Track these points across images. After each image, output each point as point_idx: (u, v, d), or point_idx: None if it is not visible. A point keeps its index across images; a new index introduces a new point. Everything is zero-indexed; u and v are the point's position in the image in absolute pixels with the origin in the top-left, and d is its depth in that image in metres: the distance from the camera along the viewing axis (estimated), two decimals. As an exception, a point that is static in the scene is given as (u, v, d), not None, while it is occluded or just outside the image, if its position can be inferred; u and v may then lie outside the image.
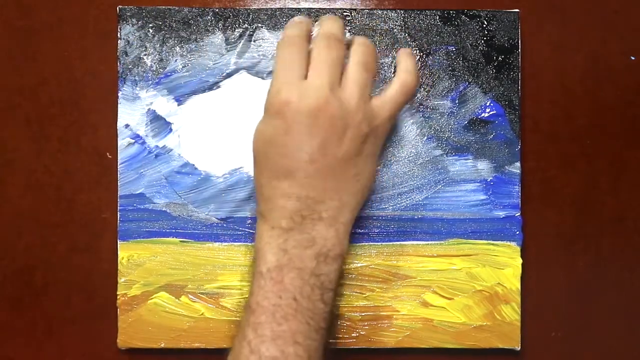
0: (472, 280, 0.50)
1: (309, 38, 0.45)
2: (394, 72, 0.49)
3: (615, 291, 0.52)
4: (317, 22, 0.46)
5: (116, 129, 0.51)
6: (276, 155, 0.43)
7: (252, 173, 0.50)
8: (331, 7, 0.52)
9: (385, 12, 0.51)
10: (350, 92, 0.43)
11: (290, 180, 0.43)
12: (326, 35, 0.44)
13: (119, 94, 0.50)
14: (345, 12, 0.51)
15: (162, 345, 0.50)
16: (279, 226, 0.43)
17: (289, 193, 0.43)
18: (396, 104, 0.45)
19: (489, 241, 0.50)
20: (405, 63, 0.46)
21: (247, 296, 0.44)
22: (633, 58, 0.52)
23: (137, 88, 0.50)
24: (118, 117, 0.50)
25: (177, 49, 0.51)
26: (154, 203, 0.50)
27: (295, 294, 0.42)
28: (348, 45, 0.45)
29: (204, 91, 0.51)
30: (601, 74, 0.52)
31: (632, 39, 0.52)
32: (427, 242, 0.51)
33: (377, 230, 0.50)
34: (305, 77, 0.43)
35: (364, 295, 0.50)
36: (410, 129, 0.51)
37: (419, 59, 0.51)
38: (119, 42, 0.51)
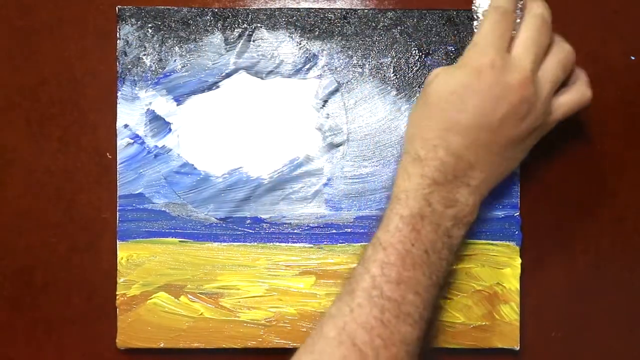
0: (471, 280, 0.50)
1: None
2: None
3: (615, 291, 0.52)
4: None
5: (116, 129, 0.51)
6: (456, 109, 0.43)
7: (251, 173, 0.50)
8: (331, 7, 0.52)
9: (385, 12, 0.51)
10: (544, 84, 0.44)
11: (459, 137, 0.43)
12: (542, 18, 0.44)
13: (118, 94, 0.50)
14: (345, 12, 0.51)
15: (162, 345, 0.50)
16: (431, 176, 0.43)
17: (453, 149, 0.43)
18: (570, 111, 0.46)
19: (488, 241, 0.50)
20: (584, 76, 0.47)
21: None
22: (633, 58, 0.52)
23: (136, 88, 0.51)
24: (117, 117, 0.51)
25: (176, 49, 0.51)
26: (153, 203, 0.50)
27: (427, 247, 0.42)
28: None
29: (203, 91, 0.51)
30: (601, 74, 0.52)
31: (632, 39, 0.52)
32: (426, 242, 0.50)
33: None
34: (509, 49, 0.44)
35: (363, 295, 0.50)
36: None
37: (418, 59, 0.51)
38: (118, 42, 0.51)
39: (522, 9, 0.45)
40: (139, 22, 0.51)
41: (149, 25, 0.51)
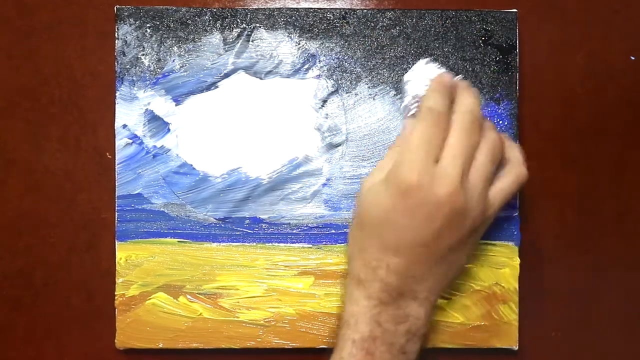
0: (470, 280, 0.50)
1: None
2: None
3: (615, 291, 0.52)
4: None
5: (115, 129, 0.51)
6: (390, 230, 0.42)
7: (250, 173, 0.50)
8: (330, 7, 0.52)
9: (384, 12, 0.51)
10: (476, 185, 0.43)
11: (398, 258, 0.42)
12: (470, 117, 0.43)
13: (117, 94, 0.50)
14: (344, 12, 0.51)
15: (160, 346, 0.50)
16: (376, 297, 0.43)
17: (393, 269, 0.42)
18: (508, 196, 0.45)
19: (487, 241, 0.50)
20: (516, 154, 0.46)
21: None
22: (633, 58, 0.52)
23: (135, 88, 0.51)
24: (116, 117, 0.51)
25: (175, 49, 0.51)
26: (152, 203, 0.50)
27: None
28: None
29: (201, 91, 0.51)
30: (601, 74, 0.52)
31: (632, 39, 0.52)
32: (425, 243, 0.50)
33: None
34: (438, 157, 0.42)
35: (362, 296, 0.50)
36: (408, 129, 0.51)
37: (417, 59, 0.51)
38: (116, 42, 0.51)
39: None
40: (137, 22, 0.51)
41: (148, 25, 0.51)
